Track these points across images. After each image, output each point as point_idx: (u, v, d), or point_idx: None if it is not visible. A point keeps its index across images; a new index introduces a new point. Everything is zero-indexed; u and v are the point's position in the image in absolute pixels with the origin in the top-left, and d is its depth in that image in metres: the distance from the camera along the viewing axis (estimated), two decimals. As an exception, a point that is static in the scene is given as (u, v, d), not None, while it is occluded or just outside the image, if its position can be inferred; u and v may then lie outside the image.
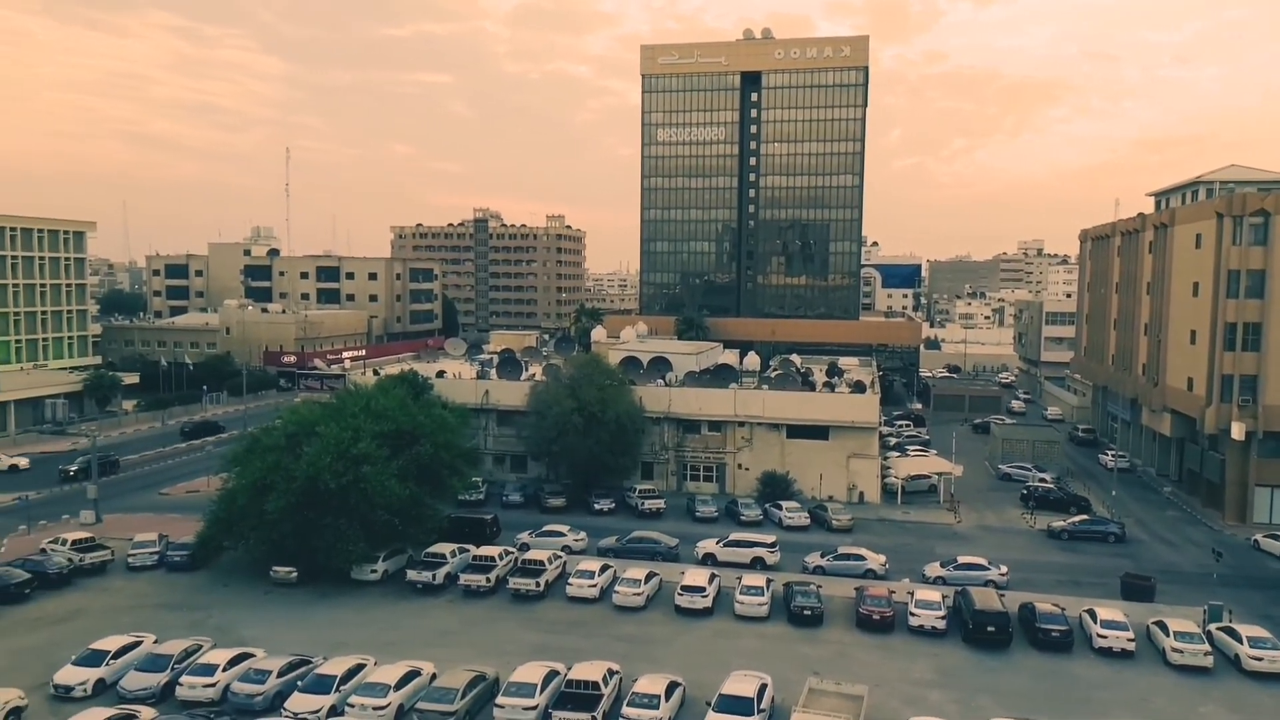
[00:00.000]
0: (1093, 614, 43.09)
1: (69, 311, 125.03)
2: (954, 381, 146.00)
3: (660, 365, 79.91)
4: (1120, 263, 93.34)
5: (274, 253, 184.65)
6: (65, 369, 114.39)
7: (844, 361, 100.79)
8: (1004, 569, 51.08)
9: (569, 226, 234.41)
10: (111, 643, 37.77)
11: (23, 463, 77.91)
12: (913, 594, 45.38)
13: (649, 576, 47.26)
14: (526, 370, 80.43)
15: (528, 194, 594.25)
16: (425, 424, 54.00)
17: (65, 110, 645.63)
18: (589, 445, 65.00)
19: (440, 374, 78.59)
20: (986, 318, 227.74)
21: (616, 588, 46.28)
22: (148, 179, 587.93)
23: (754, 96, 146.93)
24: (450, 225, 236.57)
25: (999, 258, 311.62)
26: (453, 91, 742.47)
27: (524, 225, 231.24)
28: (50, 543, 52.03)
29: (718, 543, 53.96)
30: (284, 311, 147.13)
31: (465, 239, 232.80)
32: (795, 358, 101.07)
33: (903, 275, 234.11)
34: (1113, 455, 79.87)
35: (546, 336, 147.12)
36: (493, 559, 49.14)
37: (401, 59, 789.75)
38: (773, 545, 53.46)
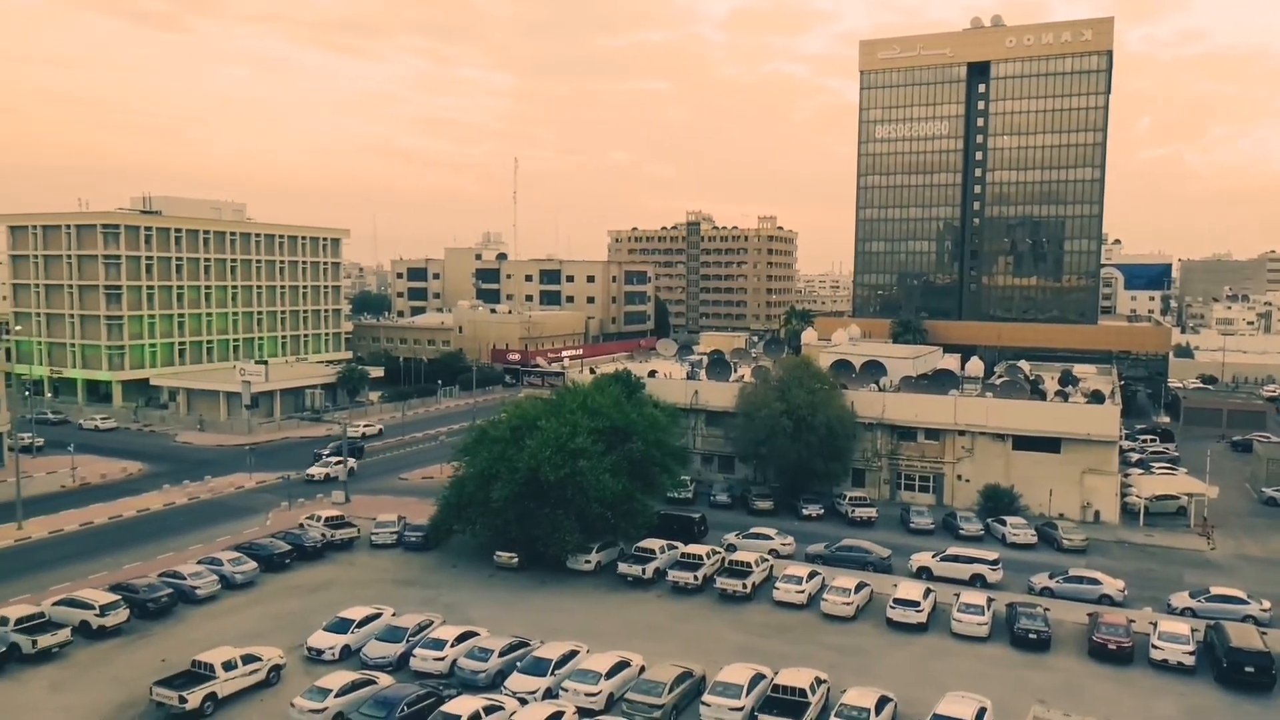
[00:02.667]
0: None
1: (326, 310, 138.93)
2: (1209, 393, 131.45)
3: (874, 369, 77.55)
4: None
5: (502, 257, 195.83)
6: (322, 362, 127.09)
7: (1079, 369, 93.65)
8: (1266, 604, 45.48)
9: (780, 228, 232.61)
10: (356, 612, 41.48)
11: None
12: (1156, 625, 41.39)
13: (859, 586, 46.02)
14: (735, 372, 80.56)
15: (740, 196, 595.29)
16: (637, 422, 55.41)
17: (325, 129, 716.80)
18: (798, 449, 64.18)
19: (652, 374, 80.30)
20: (1250, 323, 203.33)
21: (825, 595, 45.42)
22: (394, 189, 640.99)
23: (981, 88, 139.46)
24: (663, 228, 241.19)
25: (1266, 256, 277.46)
26: (669, 97, 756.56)
27: (735, 227, 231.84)
28: (307, 519, 57.87)
29: (934, 556, 51.66)
30: (510, 312, 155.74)
31: (678, 242, 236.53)
32: (1023, 364, 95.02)
33: (1149, 276, 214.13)
34: None
35: (755, 338, 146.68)
36: (700, 558, 49.63)
37: (621, 68, 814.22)
38: (995, 562, 50.50)
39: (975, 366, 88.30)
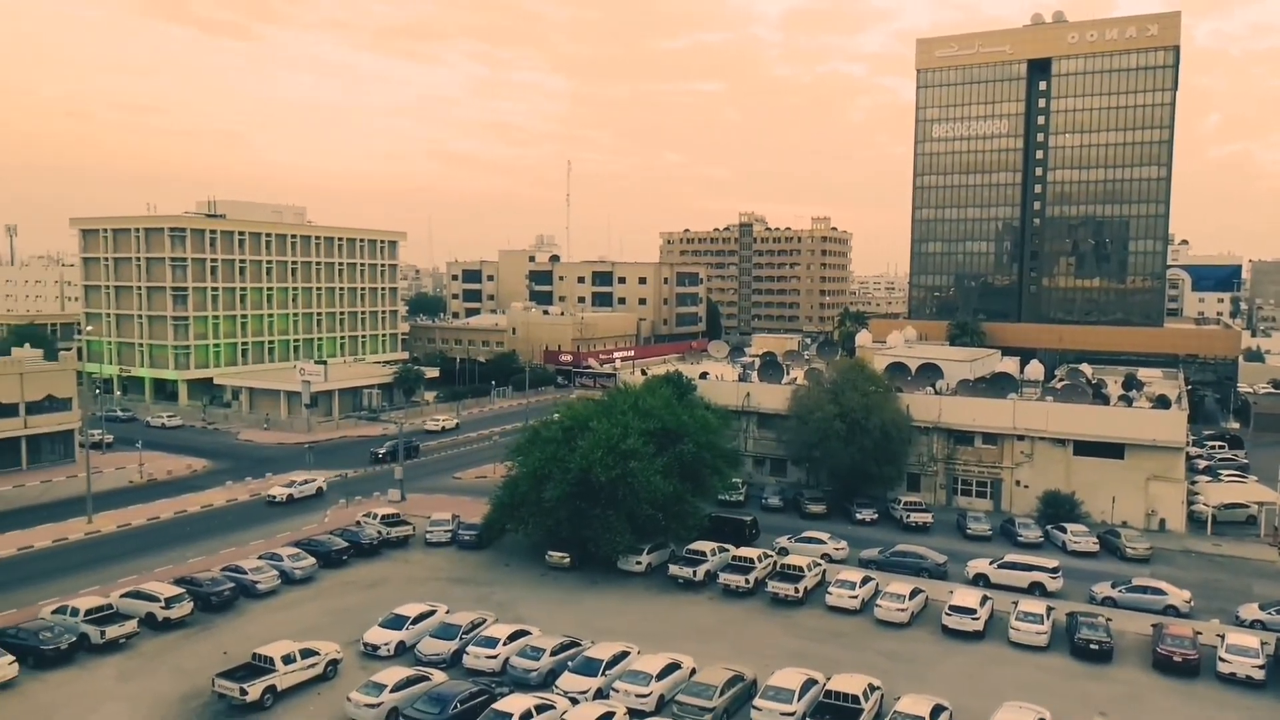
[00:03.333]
0: None
1: (383, 312, 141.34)
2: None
3: (930, 372, 76.40)
4: None
5: (555, 259, 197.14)
6: (379, 363, 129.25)
7: (1144, 373, 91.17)
8: (1344, 619, 43.73)
9: (834, 229, 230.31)
10: (411, 609, 42.09)
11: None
12: (1223, 637, 40.09)
13: (914, 592, 45.37)
14: (788, 374, 80.00)
15: (793, 197, 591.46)
16: (689, 423, 55.34)
17: (383, 133, 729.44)
18: (851, 453, 63.48)
19: (703, 375, 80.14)
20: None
21: (879, 601, 44.87)
22: (450, 192, 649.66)
23: (1042, 85, 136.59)
24: (716, 230, 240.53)
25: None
26: (724, 98, 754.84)
27: (788, 228, 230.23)
28: (364, 516, 58.89)
29: (991, 563, 50.69)
30: (562, 314, 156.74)
31: (730, 243, 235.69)
32: (1085, 367, 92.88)
33: (1218, 277, 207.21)
34: None
35: (809, 340, 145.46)
36: (752, 561, 49.38)
37: (676, 70, 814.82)
38: (1055, 570, 49.35)
39: (1035, 370, 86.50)
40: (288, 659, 35.97)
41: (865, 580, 47.25)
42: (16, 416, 75.95)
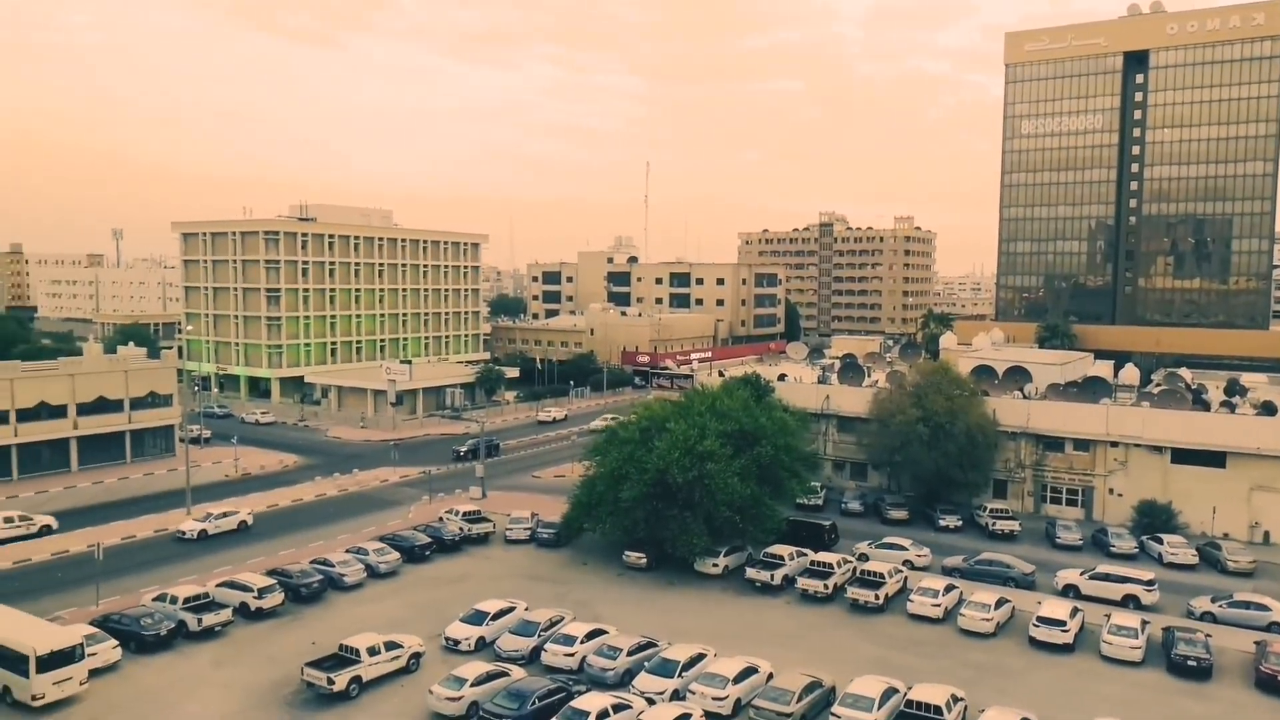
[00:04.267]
0: None
1: (466, 312, 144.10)
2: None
3: (1018, 375, 74.23)
4: None
5: (633, 260, 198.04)
6: (461, 362, 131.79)
7: (1248, 378, 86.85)
8: None
9: (918, 228, 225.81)
10: (491, 605, 42.79)
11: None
12: (1336, 659, 37.90)
13: (1000, 602, 44.12)
14: (869, 376, 78.72)
15: (875, 196, 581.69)
16: (766, 426, 54.91)
17: (465, 137, 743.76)
18: (934, 457, 62.11)
19: (781, 377, 79.43)
20: None
21: (963, 610, 43.78)
22: (530, 195, 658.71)
23: (1139, 78, 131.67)
24: (795, 230, 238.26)
25: None
26: (803, 97, 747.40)
27: (869, 228, 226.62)
28: (446, 513, 60.12)
29: (1082, 574, 48.93)
30: (640, 315, 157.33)
31: (809, 243, 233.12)
32: (1184, 372, 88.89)
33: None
34: None
35: (890, 342, 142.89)
36: (831, 566, 48.73)
37: (755, 69, 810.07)
38: (1150, 583, 47.37)
39: (1130, 374, 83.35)
40: (373, 651, 36.94)
41: (949, 588, 46.16)
42: (121, 412, 79.82)
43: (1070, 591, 48.10)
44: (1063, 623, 41.36)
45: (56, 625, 38.77)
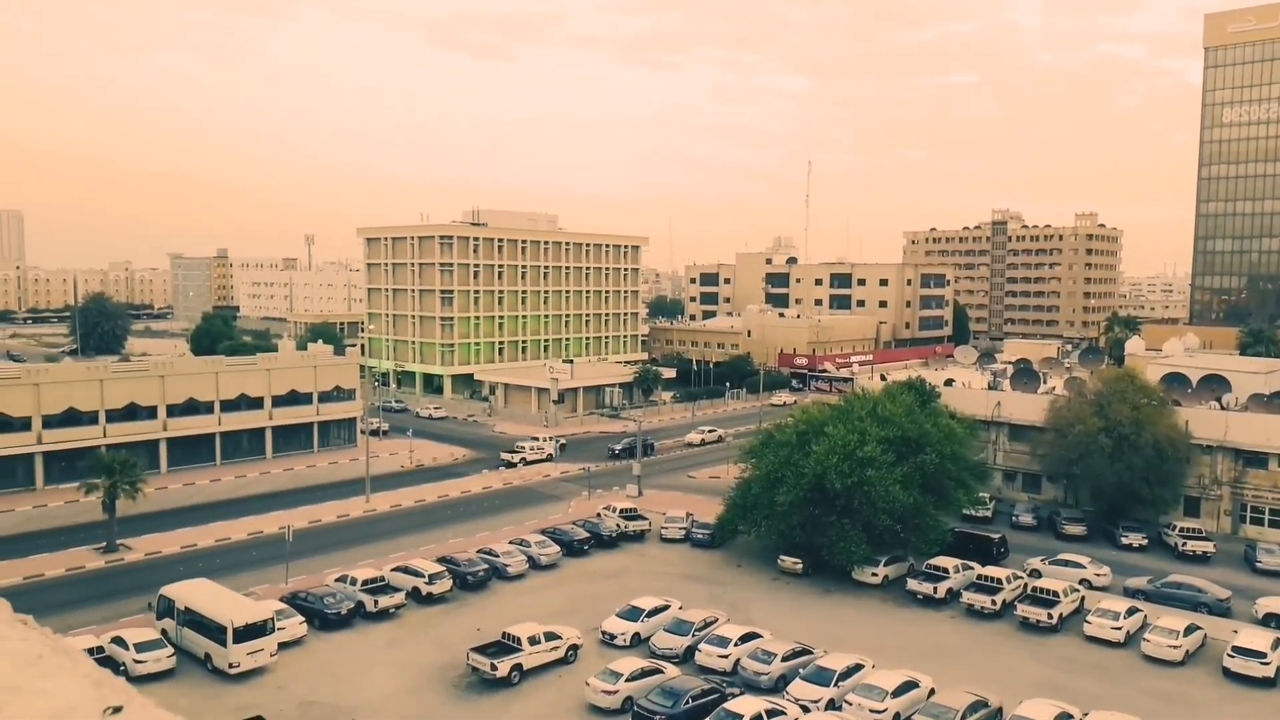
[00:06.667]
0: None
1: (625, 314, 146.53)
2: None
3: (1214, 384, 68.30)
4: None
5: (792, 261, 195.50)
6: (620, 363, 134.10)
7: None
8: None
9: (1101, 225, 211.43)
10: (647, 602, 43.36)
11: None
12: None
13: (1190, 628, 40.75)
14: (1045, 383, 74.49)
15: (1054, 192, 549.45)
16: (931, 433, 52.94)
17: (628, 141, 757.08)
18: (1118, 471, 58.02)
19: (948, 382, 76.43)
20: None
21: (1147, 635, 40.71)
22: (690, 197, 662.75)
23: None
24: (965, 229, 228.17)
25: None
26: (975, 90, 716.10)
27: (1047, 226, 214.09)
28: (604, 509, 61.38)
29: (1287, 603, 44.52)
30: (798, 316, 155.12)
31: (981, 242, 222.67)
32: None
33: None
34: None
35: (1069, 347, 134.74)
36: (1000, 581, 46.45)
37: (923, 63, 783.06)
38: (1370, 617, 42.54)
39: (1349, 385, 74.94)
40: (534, 640, 38.21)
41: (1131, 611, 43.07)
42: (310, 404, 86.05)
43: (1272, 621, 43.81)
44: (1263, 654, 37.75)
45: (251, 600, 42.24)
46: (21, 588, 47.31)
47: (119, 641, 37.46)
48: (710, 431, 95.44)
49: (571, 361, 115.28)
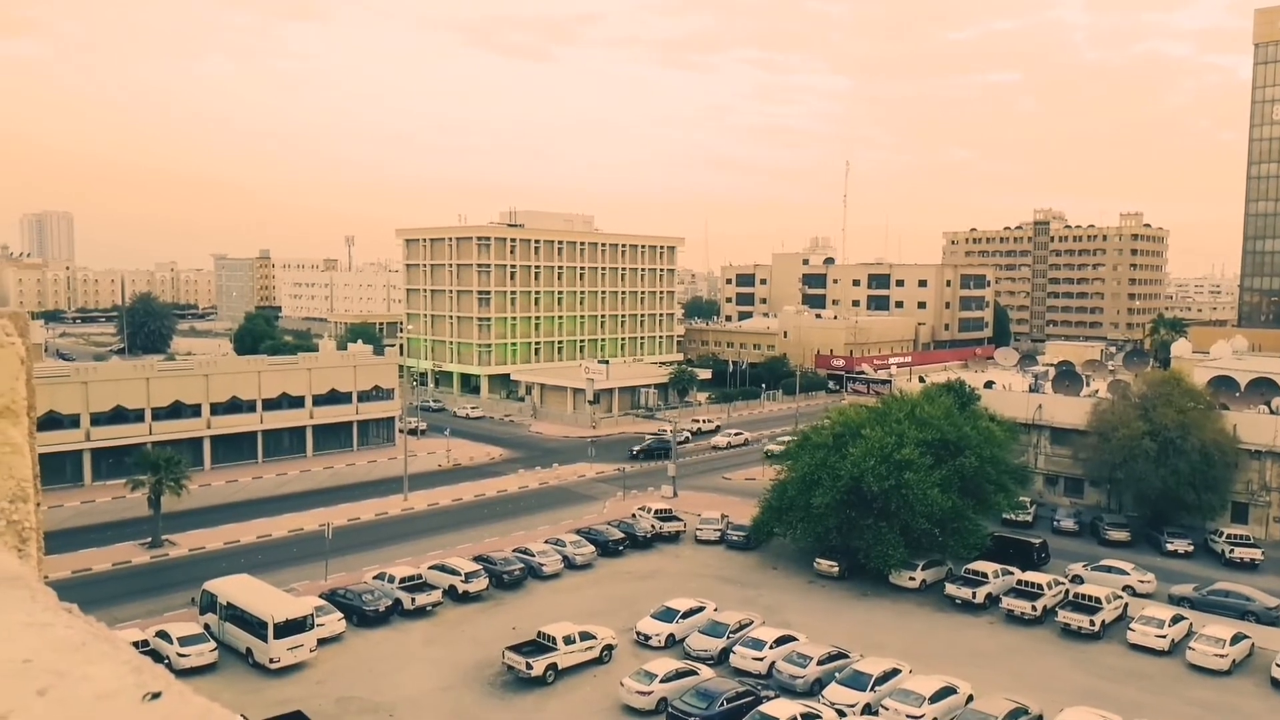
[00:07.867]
0: None
1: (661, 314, 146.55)
2: None
3: (1264, 387, 66.67)
4: None
5: (829, 261, 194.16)
6: (656, 363, 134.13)
7: None
8: None
9: (1147, 225, 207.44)
10: (681, 603, 43.33)
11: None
12: None
13: (1237, 637, 39.84)
14: (1088, 385, 73.23)
15: (1098, 192, 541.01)
16: (970, 435, 52.31)
17: (664, 142, 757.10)
18: (1162, 475, 56.85)
19: (988, 384, 75.44)
20: None
21: (1192, 644, 39.88)
22: (726, 197, 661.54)
23: None
24: (1006, 229, 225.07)
25: None
26: (1018, 89, 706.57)
27: (1091, 226, 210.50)
28: (639, 510, 61.42)
29: (1340, 613, 43.36)
30: (835, 317, 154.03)
31: (1022, 243, 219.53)
32: None
33: None
34: None
35: (1113, 349, 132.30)
36: (1040, 586, 45.77)
37: (965, 62, 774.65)
38: None
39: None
40: (568, 640, 38.35)
41: (1176, 619, 42.21)
42: (350, 404, 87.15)
43: (1326, 632, 42.69)
44: (1316, 667, 36.81)
45: (291, 596, 42.87)
46: (70, 581, 48.45)
47: (163, 635, 38.26)
48: (737, 434, 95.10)
49: (607, 362, 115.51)
